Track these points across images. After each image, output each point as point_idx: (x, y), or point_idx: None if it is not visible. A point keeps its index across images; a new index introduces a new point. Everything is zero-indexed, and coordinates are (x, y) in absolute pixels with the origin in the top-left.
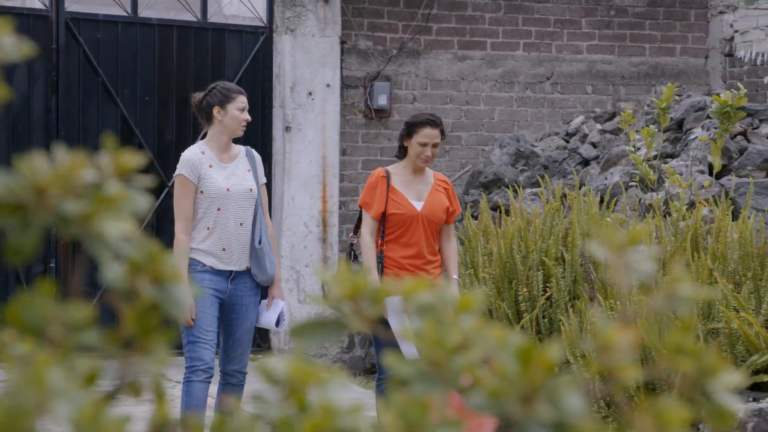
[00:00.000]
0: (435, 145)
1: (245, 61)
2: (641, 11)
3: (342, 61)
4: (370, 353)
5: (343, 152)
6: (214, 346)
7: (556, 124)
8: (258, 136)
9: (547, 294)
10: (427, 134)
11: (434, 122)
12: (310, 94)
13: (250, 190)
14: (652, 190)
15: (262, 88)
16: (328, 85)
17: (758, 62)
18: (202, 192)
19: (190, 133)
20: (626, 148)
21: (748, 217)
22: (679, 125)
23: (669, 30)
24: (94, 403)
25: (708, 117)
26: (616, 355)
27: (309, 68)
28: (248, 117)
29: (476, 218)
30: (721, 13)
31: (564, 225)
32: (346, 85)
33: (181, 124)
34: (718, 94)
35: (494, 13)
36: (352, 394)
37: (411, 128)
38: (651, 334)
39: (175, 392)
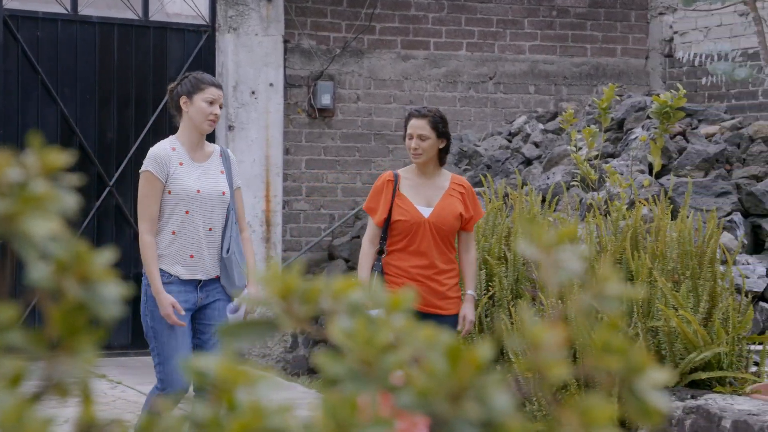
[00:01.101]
0: (422, 137)
1: (187, 59)
2: (583, 12)
3: (285, 60)
4: (313, 353)
5: (286, 151)
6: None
7: (499, 123)
8: None
9: (490, 293)
10: (412, 125)
11: (419, 113)
12: (253, 93)
13: (223, 193)
14: (593, 190)
15: None
16: (271, 85)
17: (696, 63)
18: (169, 192)
19: (132, 131)
20: (568, 148)
21: (687, 217)
22: (619, 125)
23: (610, 31)
24: (19, 404)
25: (648, 117)
26: (544, 353)
27: (252, 67)
28: (217, 111)
29: None
30: (660, 14)
31: (506, 224)
32: (289, 84)
33: (122, 123)
34: (658, 95)
35: (437, 13)
36: (295, 394)
37: (405, 124)
38: (580, 332)
39: (115, 393)
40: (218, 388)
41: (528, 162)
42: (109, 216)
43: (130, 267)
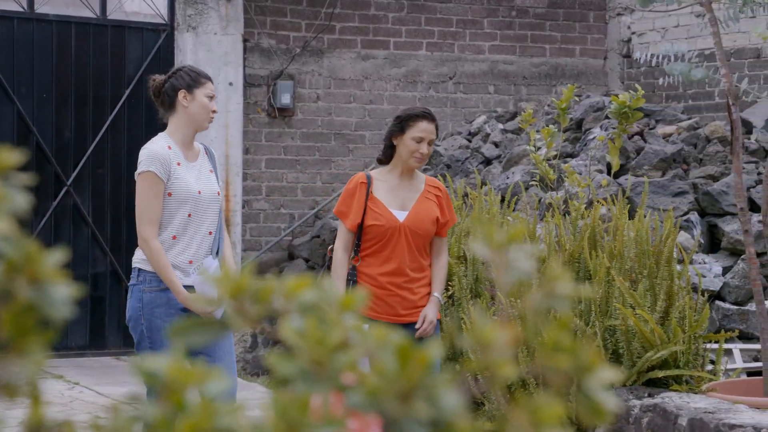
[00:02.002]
0: (430, 143)
1: (146, 58)
2: (542, 12)
3: (245, 59)
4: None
5: (246, 151)
6: None
7: (458, 123)
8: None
9: (450, 292)
10: (424, 129)
11: (431, 116)
12: None
13: (218, 193)
14: (552, 189)
15: None
16: (230, 84)
17: (653, 64)
18: (170, 194)
19: (89, 131)
20: (527, 148)
21: (644, 216)
22: (578, 125)
23: (569, 31)
24: None
25: (606, 117)
26: (494, 352)
27: (211, 66)
28: (215, 107)
29: None
30: (619, 15)
31: (466, 224)
32: (249, 83)
33: (79, 122)
34: (616, 95)
35: (397, 13)
36: (255, 394)
37: (404, 122)
38: (530, 331)
39: (72, 393)
40: (168, 388)
41: (487, 162)
42: (67, 216)
43: (88, 267)
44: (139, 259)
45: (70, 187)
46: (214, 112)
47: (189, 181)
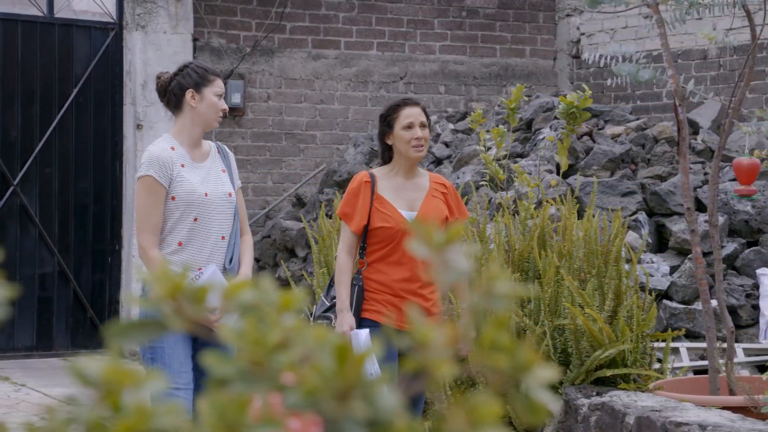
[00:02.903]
0: (423, 125)
1: (94, 57)
2: (492, 13)
3: (195, 58)
4: None
5: None
6: (190, 391)
7: None
8: (108, 133)
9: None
10: (409, 114)
11: (411, 100)
12: None
13: (229, 194)
14: (502, 189)
15: (113, 85)
16: None
17: (602, 64)
18: (173, 198)
19: (37, 130)
20: (477, 148)
21: (593, 216)
22: (528, 125)
23: (519, 32)
24: None
25: (556, 118)
26: (431, 351)
27: (161, 65)
28: (226, 106)
29: (330, 217)
30: (568, 16)
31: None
32: None
33: (26, 122)
34: (565, 95)
35: (348, 13)
36: None
37: (388, 117)
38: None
39: (19, 395)
40: (103, 390)
41: (438, 162)
42: (13, 216)
43: (35, 267)
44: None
45: (16, 186)
46: (223, 110)
47: (194, 183)
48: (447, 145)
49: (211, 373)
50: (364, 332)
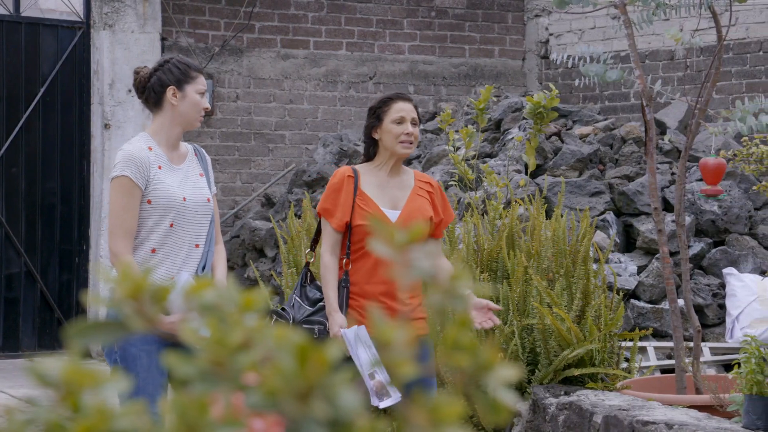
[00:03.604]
0: (414, 122)
1: (61, 56)
2: (461, 13)
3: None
4: None
5: None
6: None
7: None
8: (75, 133)
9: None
10: (401, 108)
11: (404, 96)
12: (130, 91)
13: (207, 200)
14: (471, 189)
15: (80, 85)
16: None
17: (570, 65)
18: (149, 201)
19: (3, 130)
20: (446, 148)
21: (561, 216)
22: (497, 125)
23: (488, 32)
24: None
25: (524, 118)
26: (393, 351)
27: (129, 65)
28: (208, 105)
29: (299, 217)
30: (537, 16)
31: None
32: None
33: None
34: (532, 96)
35: (317, 12)
36: None
37: (378, 110)
38: (431, 330)
39: None
40: (63, 390)
41: (407, 161)
42: None
43: (1, 268)
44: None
45: None
46: (206, 109)
47: (171, 186)
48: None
49: (173, 373)
50: (352, 331)
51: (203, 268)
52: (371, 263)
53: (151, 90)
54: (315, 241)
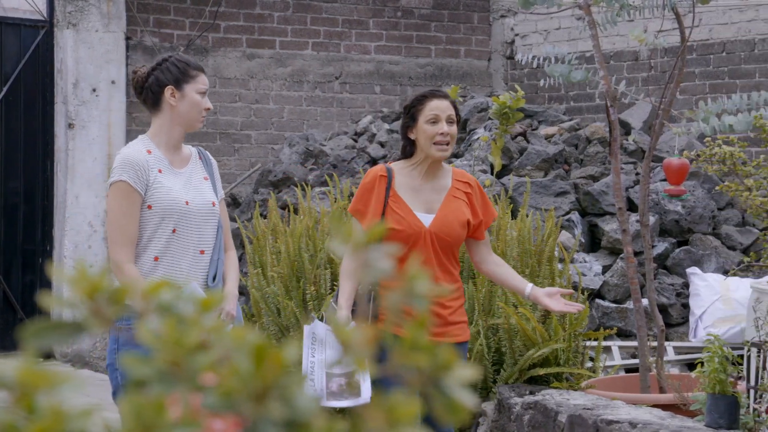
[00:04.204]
0: (450, 120)
1: (24, 56)
2: (427, 13)
3: (128, 57)
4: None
5: None
6: None
7: (344, 123)
8: (39, 133)
9: (335, 292)
10: (436, 106)
11: (440, 92)
12: (94, 90)
13: (213, 204)
14: None
15: (43, 84)
16: (113, 82)
17: (535, 65)
18: (149, 207)
19: None
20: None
21: (527, 216)
22: (463, 125)
23: (454, 32)
24: None
25: (489, 118)
26: (352, 351)
27: (93, 64)
28: (209, 104)
29: (265, 217)
30: (502, 17)
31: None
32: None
33: None
34: (498, 96)
35: (283, 12)
36: None
37: (412, 109)
38: (388, 330)
39: None
40: (17, 392)
41: (374, 162)
42: None
43: None
44: None
45: None
46: (207, 110)
47: (173, 190)
48: (382, 145)
49: (129, 374)
50: (322, 327)
51: (214, 278)
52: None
53: (148, 90)
54: None
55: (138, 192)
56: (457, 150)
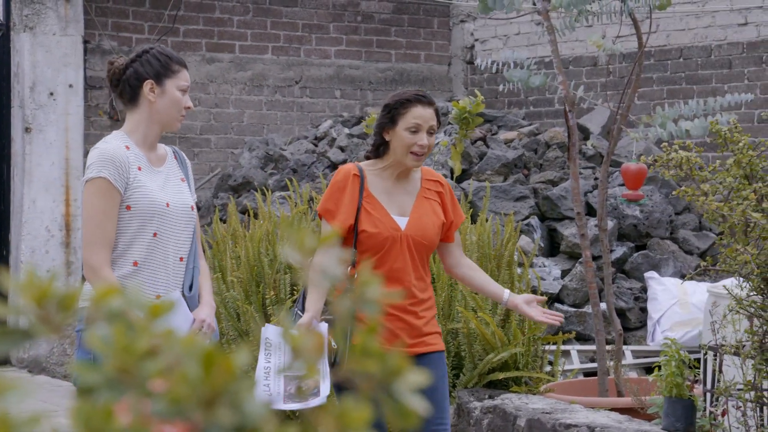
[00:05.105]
0: (431, 131)
1: None
2: (387, 18)
3: (85, 61)
4: None
5: (87, 154)
6: None
7: (305, 127)
8: None
9: (294, 297)
10: (419, 115)
11: (426, 98)
12: (51, 94)
13: (191, 208)
14: None
15: (0, 87)
16: (70, 86)
17: (495, 70)
18: (128, 207)
19: None
20: None
21: (486, 220)
22: None
23: (414, 37)
24: None
25: (449, 123)
26: (302, 357)
27: (50, 68)
28: (190, 103)
29: (225, 222)
30: (462, 21)
31: (311, 228)
32: (90, 85)
33: None
34: (458, 101)
35: (242, 16)
36: None
37: (393, 111)
38: (339, 335)
39: None
40: None
41: (334, 166)
42: None
43: None
44: (87, 296)
45: None
46: (187, 108)
47: (153, 190)
48: (342, 149)
49: (79, 381)
50: (276, 331)
51: (190, 287)
52: (381, 274)
53: (126, 83)
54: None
55: (118, 190)
56: None
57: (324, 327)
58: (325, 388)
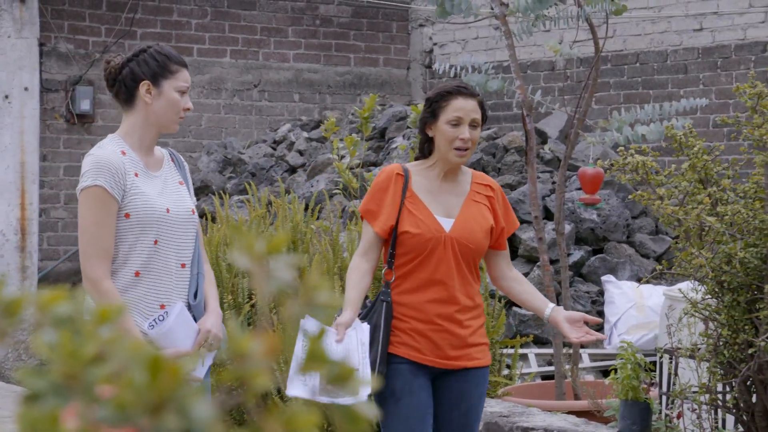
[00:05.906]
0: (474, 124)
1: None
2: (346, 21)
3: (41, 63)
4: None
5: (43, 158)
6: None
7: (263, 131)
8: None
9: (252, 301)
10: (460, 107)
11: (467, 90)
12: (6, 97)
13: (192, 212)
14: (356, 198)
15: None
16: (26, 89)
17: (453, 75)
18: (127, 215)
19: None
20: (331, 156)
21: None
22: (381, 134)
23: (372, 41)
24: None
25: (408, 127)
26: (249, 362)
27: (5, 70)
28: (190, 104)
29: None
30: (421, 26)
31: (270, 232)
32: (46, 88)
33: None
34: (417, 105)
35: (201, 20)
36: None
37: (434, 104)
38: (288, 341)
39: None
40: None
41: (292, 170)
42: None
43: None
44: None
45: None
46: (186, 110)
47: (152, 196)
48: (301, 153)
49: (24, 387)
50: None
51: (195, 295)
52: (424, 278)
53: (121, 84)
54: (390, 255)
55: (115, 198)
56: (375, 158)
57: (366, 327)
58: (364, 388)
